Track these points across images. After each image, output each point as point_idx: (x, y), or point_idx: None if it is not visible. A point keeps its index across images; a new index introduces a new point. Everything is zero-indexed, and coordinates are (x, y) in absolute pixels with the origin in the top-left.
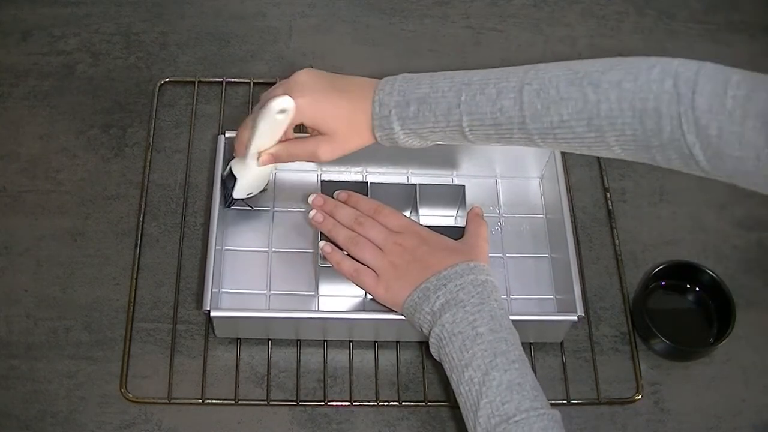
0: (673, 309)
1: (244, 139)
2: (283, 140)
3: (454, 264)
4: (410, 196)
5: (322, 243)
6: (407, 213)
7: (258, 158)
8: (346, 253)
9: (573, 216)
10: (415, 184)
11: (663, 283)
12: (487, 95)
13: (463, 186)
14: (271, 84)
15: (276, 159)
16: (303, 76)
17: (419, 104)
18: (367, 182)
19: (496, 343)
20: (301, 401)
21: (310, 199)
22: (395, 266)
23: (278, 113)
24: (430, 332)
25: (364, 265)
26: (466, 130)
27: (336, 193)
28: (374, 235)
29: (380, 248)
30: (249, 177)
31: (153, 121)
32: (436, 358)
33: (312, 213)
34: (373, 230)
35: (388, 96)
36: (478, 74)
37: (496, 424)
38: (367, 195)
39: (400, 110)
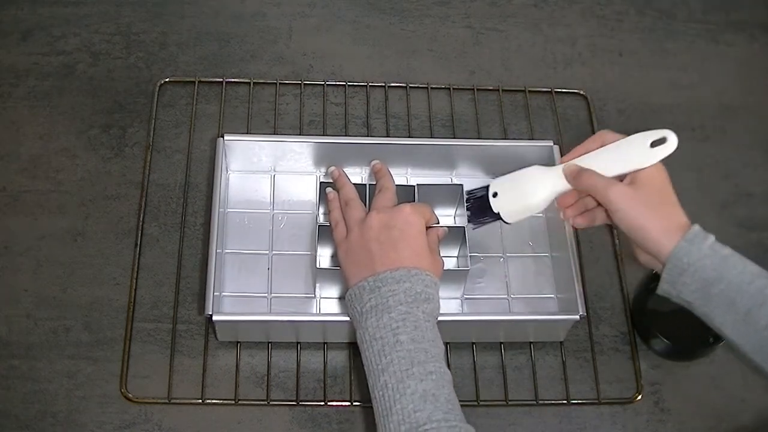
0: (673, 309)
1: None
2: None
3: (396, 268)
4: (410, 197)
5: (329, 189)
6: None
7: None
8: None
9: None
10: (414, 185)
11: None
12: None
13: (462, 185)
14: (271, 84)
15: (579, 175)
16: None
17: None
18: (366, 184)
19: (415, 353)
20: (301, 401)
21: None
22: (358, 242)
23: (652, 145)
24: (356, 330)
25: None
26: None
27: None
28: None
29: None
30: (523, 184)
31: (153, 121)
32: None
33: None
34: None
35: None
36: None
37: (405, 431)
38: (366, 197)
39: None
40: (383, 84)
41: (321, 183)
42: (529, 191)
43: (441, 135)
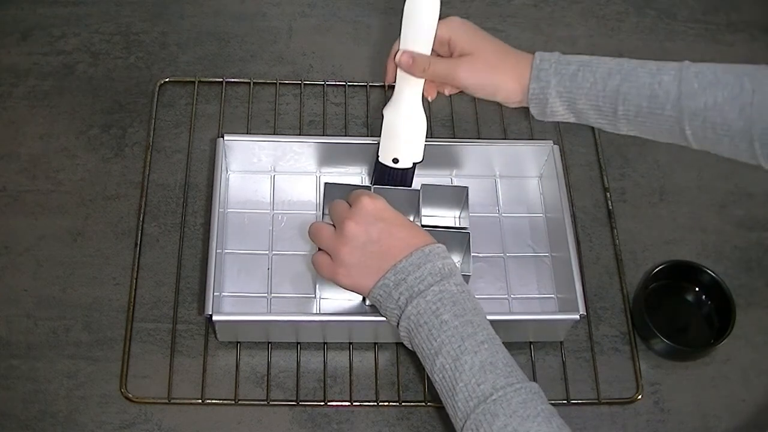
0: (673, 309)
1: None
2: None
3: (408, 254)
4: (414, 198)
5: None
6: (410, 215)
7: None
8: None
9: (573, 215)
10: (419, 187)
11: (663, 283)
12: (647, 69)
13: (467, 188)
14: (271, 84)
15: (414, 63)
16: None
17: (580, 65)
18: (370, 186)
19: (462, 328)
20: (301, 401)
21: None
22: (352, 256)
23: None
24: (398, 325)
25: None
26: (620, 99)
27: None
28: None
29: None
30: (397, 128)
31: (153, 121)
32: (409, 348)
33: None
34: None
35: (549, 55)
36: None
37: (474, 406)
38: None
39: (560, 67)
40: (383, 84)
41: (325, 184)
42: (403, 121)
43: (441, 135)
